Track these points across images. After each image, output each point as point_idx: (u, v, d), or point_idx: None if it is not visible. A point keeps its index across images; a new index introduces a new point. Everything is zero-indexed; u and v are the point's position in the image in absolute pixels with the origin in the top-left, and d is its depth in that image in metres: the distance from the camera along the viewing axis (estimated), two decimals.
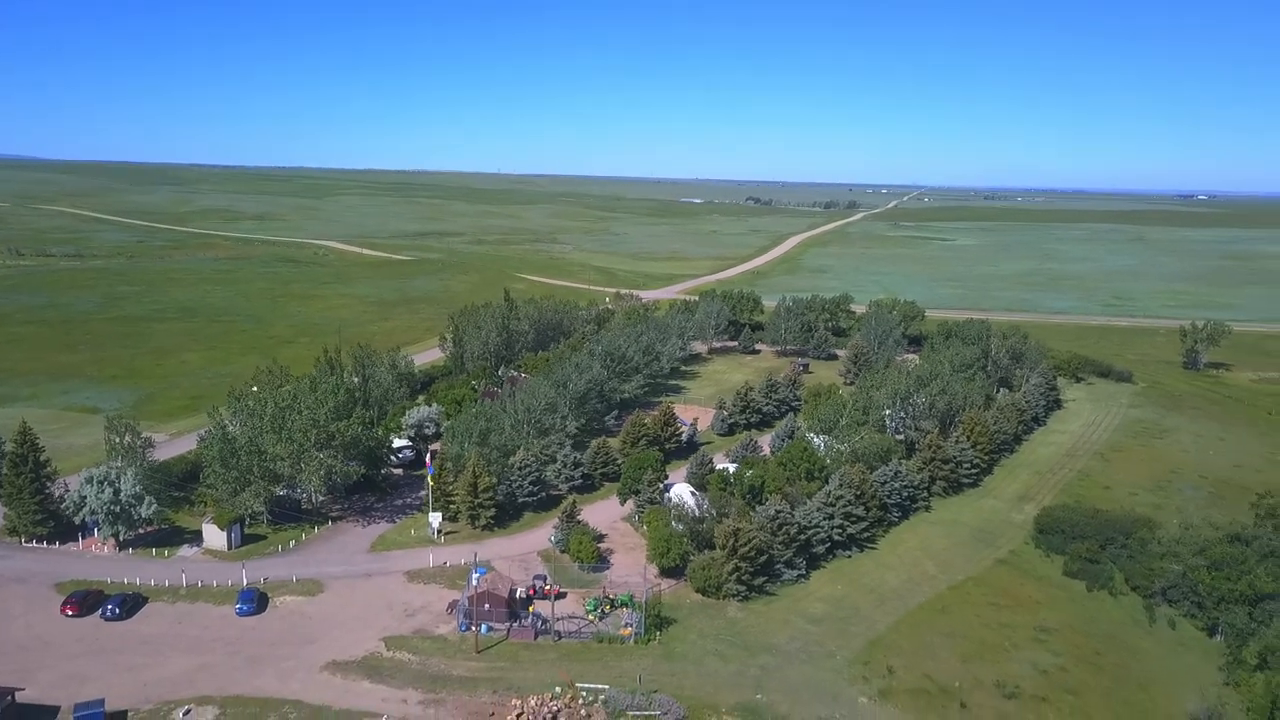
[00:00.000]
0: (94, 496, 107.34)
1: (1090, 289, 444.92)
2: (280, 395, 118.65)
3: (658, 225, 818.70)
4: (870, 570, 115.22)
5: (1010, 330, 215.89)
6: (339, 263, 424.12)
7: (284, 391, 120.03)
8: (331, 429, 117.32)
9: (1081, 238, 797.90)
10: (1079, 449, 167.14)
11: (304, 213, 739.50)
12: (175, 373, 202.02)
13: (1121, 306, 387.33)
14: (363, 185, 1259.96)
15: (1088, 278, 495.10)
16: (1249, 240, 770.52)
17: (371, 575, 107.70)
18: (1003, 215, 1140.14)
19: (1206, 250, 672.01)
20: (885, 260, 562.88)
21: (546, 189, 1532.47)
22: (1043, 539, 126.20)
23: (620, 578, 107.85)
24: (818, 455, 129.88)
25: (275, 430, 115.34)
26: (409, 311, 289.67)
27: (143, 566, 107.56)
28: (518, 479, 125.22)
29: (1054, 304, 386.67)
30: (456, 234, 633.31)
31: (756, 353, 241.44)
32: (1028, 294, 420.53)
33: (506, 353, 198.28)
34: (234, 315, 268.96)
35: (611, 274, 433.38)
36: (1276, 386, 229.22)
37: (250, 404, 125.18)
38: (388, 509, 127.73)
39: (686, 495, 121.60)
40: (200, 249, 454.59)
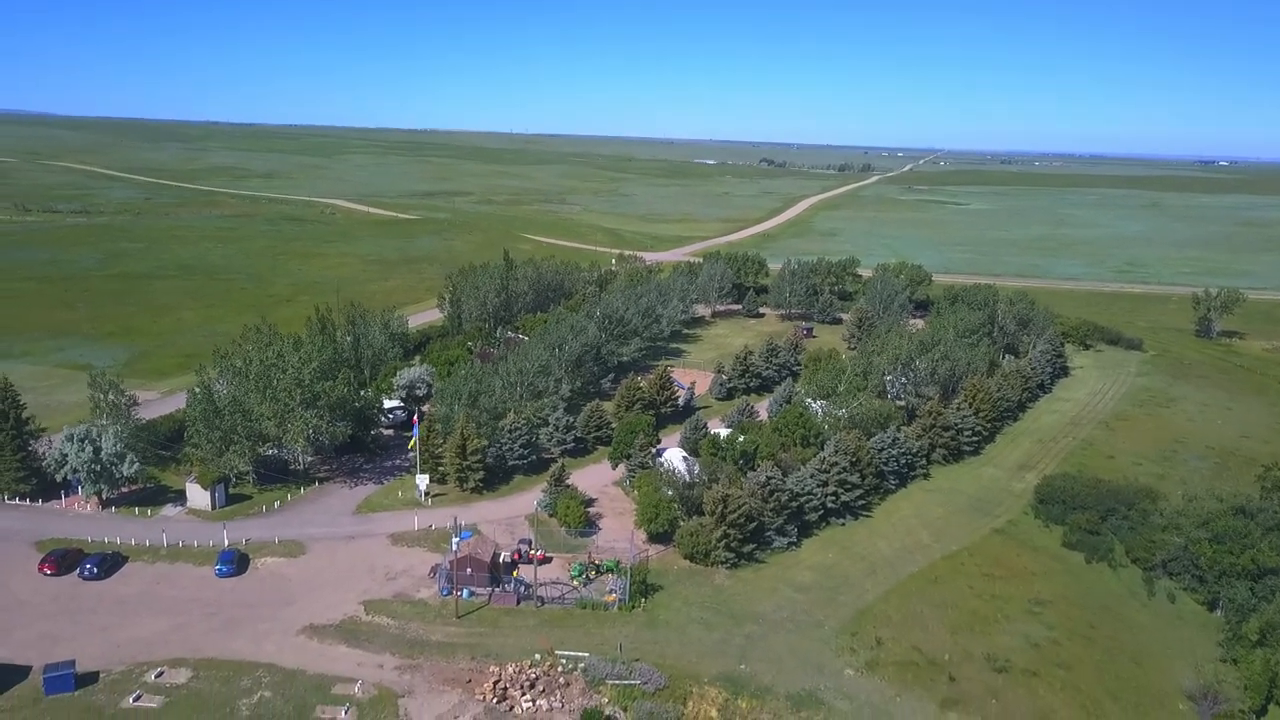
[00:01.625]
0: (75, 455, 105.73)
1: (1102, 255, 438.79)
2: (265, 354, 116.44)
3: (669, 187, 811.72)
4: (863, 539, 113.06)
5: (1018, 296, 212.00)
6: (344, 222, 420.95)
7: (269, 350, 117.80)
8: (317, 389, 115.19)
9: (1095, 203, 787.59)
10: (1084, 417, 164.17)
11: (312, 171, 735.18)
12: (171, 331, 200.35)
13: (1133, 273, 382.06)
14: (372, 144, 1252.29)
15: (1099, 244, 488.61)
16: (1267, 207, 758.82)
17: (355, 538, 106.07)
18: (1017, 180, 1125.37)
19: (1223, 217, 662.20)
20: (896, 224, 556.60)
21: (557, 149, 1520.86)
22: (1042, 509, 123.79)
23: (608, 543, 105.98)
24: (814, 421, 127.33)
25: (260, 389, 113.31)
26: (410, 271, 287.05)
27: (124, 526, 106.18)
28: (508, 442, 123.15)
29: (1065, 270, 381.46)
30: (465, 194, 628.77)
31: (760, 316, 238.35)
32: (1038, 259, 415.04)
33: (505, 314, 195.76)
34: (234, 273, 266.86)
35: (619, 235, 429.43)
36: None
37: (236, 363, 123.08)
38: (376, 470, 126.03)
39: (678, 460, 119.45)
40: (205, 206, 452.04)
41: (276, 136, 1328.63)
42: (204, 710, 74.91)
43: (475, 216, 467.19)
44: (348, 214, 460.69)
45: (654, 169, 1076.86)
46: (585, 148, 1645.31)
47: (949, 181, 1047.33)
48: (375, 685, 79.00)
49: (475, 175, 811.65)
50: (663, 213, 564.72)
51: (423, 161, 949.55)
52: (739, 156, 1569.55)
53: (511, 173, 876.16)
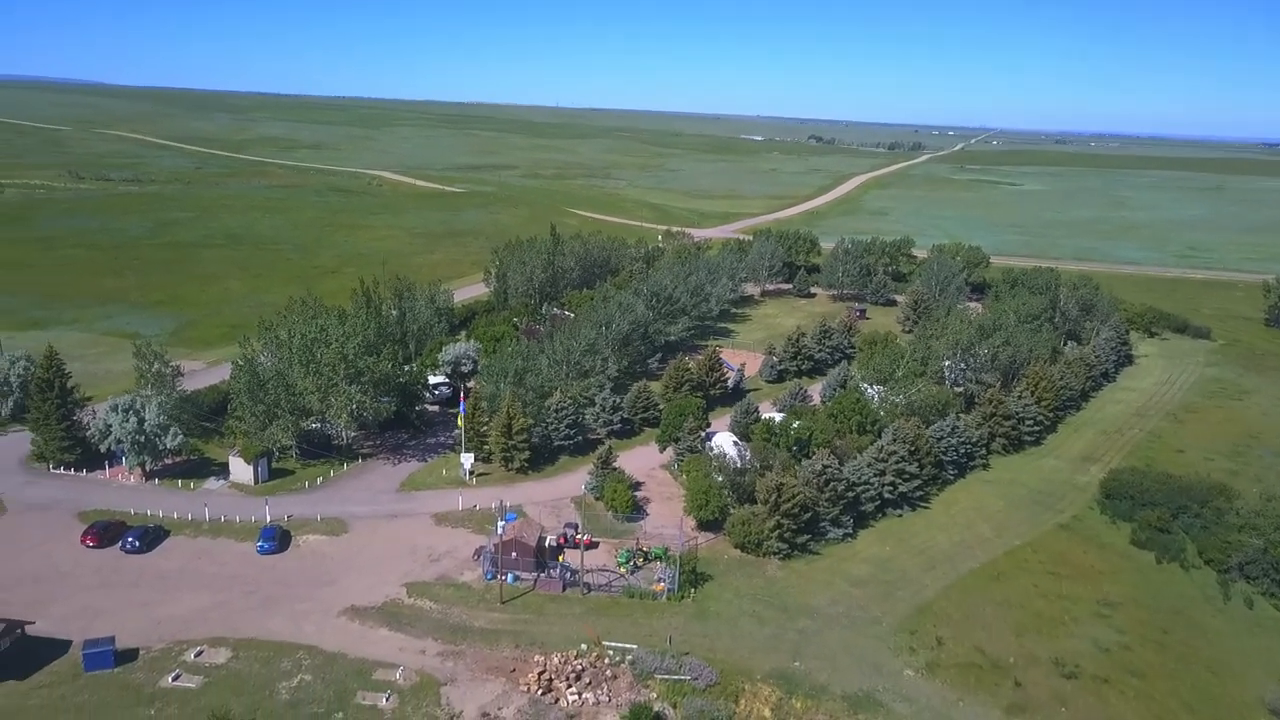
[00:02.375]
0: (119, 425, 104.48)
1: (1162, 239, 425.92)
2: (309, 327, 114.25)
3: (715, 162, 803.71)
4: (921, 531, 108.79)
5: (1081, 280, 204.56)
6: (389, 193, 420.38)
7: (313, 324, 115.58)
8: (361, 365, 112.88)
9: (1153, 185, 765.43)
10: (1150, 408, 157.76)
11: (359, 143, 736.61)
12: (217, 300, 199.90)
13: (1196, 258, 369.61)
14: (418, 116, 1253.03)
15: (1159, 227, 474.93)
16: None
17: (397, 516, 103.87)
18: (1073, 160, 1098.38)
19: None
20: (947, 204, 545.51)
21: (602, 123, 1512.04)
22: (1109, 504, 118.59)
23: (656, 529, 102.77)
24: (870, 407, 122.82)
25: (303, 363, 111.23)
26: (455, 244, 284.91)
27: (167, 498, 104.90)
28: (554, 421, 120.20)
29: (1123, 254, 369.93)
30: (510, 167, 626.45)
31: (811, 296, 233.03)
32: (1096, 242, 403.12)
33: (551, 289, 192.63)
34: (280, 244, 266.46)
35: (665, 211, 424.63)
36: None
37: (280, 335, 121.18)
38: (420, 447, 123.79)
39: (729, 445, 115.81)
40: (254, 176, 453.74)
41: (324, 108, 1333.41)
42: (243, 692, 73.01)
43: (520, 190, 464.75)
44: (394, 186, 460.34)
45: (700, 144, 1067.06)
46: (629, 122, 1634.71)
47: (1002, 161, 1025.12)
48: (417, 672, 76.62)
49: (520, 149, 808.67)
50: (709, 189, 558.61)
51: (468, 135, 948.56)
52: (787, 133, 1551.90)
53: (556, 146, 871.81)
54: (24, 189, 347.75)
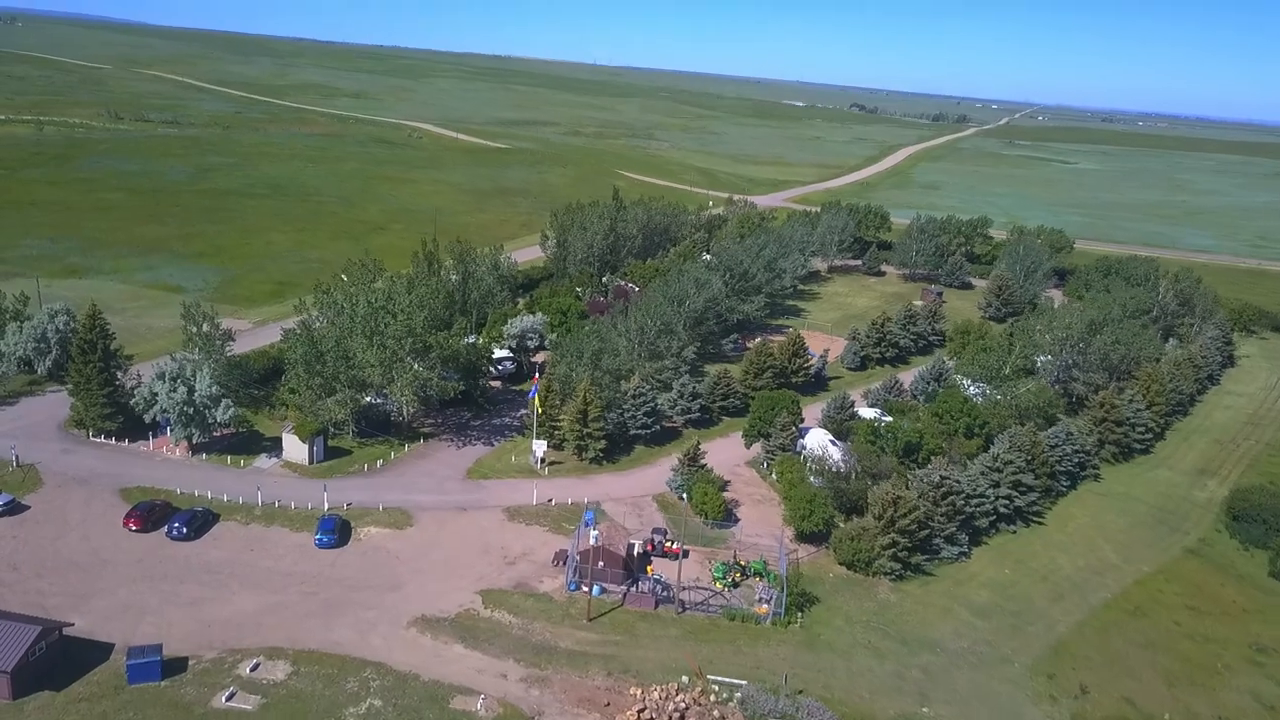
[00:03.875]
0: (165, 395, 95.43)
1: (1231, 226, 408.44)
2: (374, 294, 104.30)
3: (758, 127, 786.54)
4: (1039, 551, 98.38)
5: (1183, 272, 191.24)
6: (432, 146, 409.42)
7: (377, 290, 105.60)
8: (430, 340, 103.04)
9: (1214, 169, 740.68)
10: (1262, 416, 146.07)
11: (399, 93, 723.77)
12: (261, 254, 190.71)
13: (1271, 248, 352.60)
14: (458, 68, 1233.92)
15: (1226, 213, 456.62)
16: None
17: (466, 509, 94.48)
18: (1123, 140, 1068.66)
19: None
20: (1000, 180, 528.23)
21: (641, 82, 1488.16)
22: (1238, 528, 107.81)
23: (749, 537, 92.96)
24: (979, 409, 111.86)
25: (366, 335, 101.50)
26: (504, 204, 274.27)
27: (215, 476, 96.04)
28: (631, 408, 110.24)
29: (1193, 240, 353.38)
30: (551, 124, 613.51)
31: (881, 275, 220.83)
32: (1161, 227, 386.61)
33: (611, 258, 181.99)
34: (324, 195, 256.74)
35: (713, 176, 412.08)
36: None
37: (339, 299, 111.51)
38: (485, 429, 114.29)
39: (828, 445, 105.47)
40: (294, 124, 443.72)
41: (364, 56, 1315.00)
42: (305, 717, 64.10)
43: (565, 149, 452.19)
44: (435, 139, 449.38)
45: (741, 108, 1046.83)
46: (669, 82, 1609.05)
47: (1050, 138, 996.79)
48: (500, 701, 67.44)
49: (560, 105, 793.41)
50: (754, 154, 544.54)
51: (508, 89, 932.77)
52: (828, 100, 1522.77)
53: (596, 104, 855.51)
54: (64, 127, 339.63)
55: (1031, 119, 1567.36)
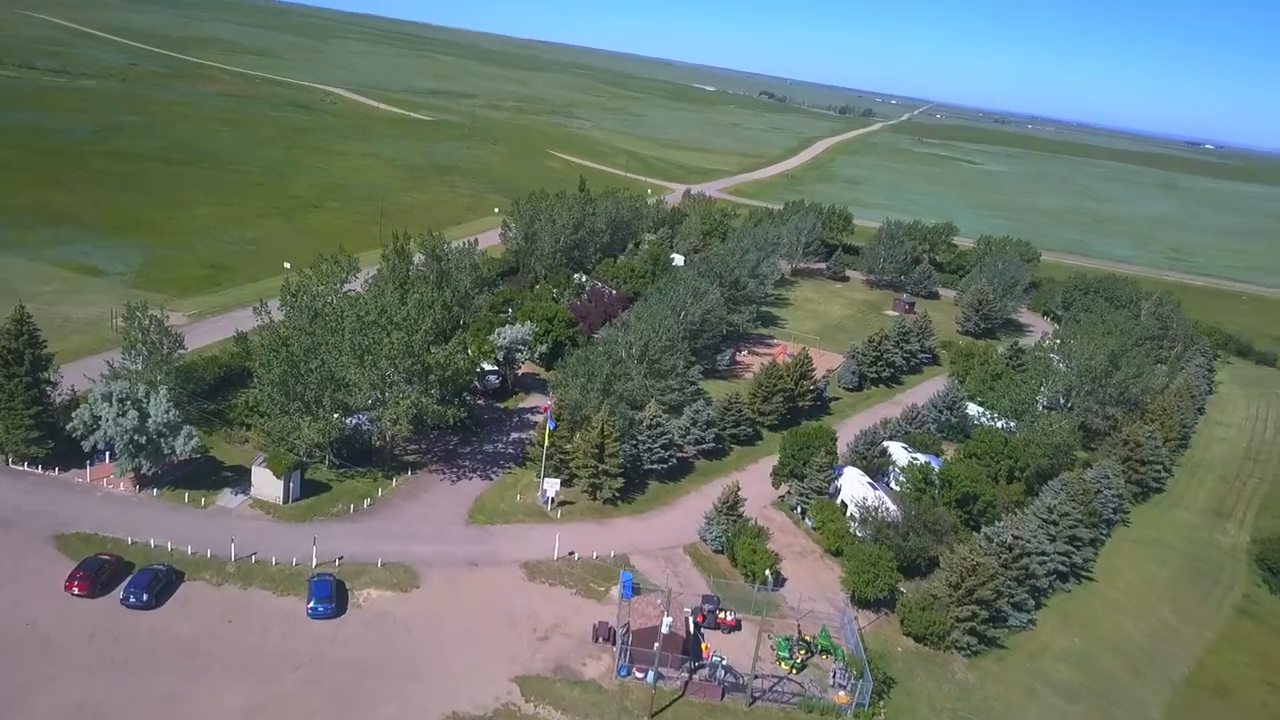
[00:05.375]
0: (112, 421, 78.97)
1: (1141, 236, 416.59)
2: (364, 306, 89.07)
3: (676, 110, 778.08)
4: (1099, 612, 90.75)
5: (1166, 295, 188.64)
6: (351, 114, 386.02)
7: (367, 300, 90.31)
8: (429, 359, 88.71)
9: (1110, 176, 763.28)
10: (1258, 450, 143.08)
11: (305, 53, 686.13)
12: (186, 230, 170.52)
13: (1186, 262, 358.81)
14: (364, 30, 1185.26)
15: (1134, 223, 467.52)
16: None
17: (477, 564, 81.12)
18: (1019, 142, 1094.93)
19: (1245, 205, 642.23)
20: (918, 178, 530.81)
21: (554, 57, 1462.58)
22: (1276, 581, 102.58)
23: (801, 602, 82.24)
24: (1019, 449, 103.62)
25: (356, 353, 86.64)
26: (442, 183, 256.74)
27: (172, 519, 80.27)
28: (647, 440, 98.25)
29: (1112, 250, 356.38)
30: (470, 96, 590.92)
31: (846, 280, 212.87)
32: (1079, 235, 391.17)
33: (579, 254, 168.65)
34: (247, 164, 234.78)
35: (644, 161, 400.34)
36: None
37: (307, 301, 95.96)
38: (478, 457, 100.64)
39: (868, 490, 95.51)
40: (199, 81, 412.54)
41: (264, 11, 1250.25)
42: None
43: (491, 124, 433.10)
44: (352, 106, 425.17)
45: (656, 89, 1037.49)
46: (581, 58, 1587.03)
47: (953, 137, 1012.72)
48: None
49: (477, 77, 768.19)
50: (678, 138, 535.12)
51: (421, 56, 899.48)
52: (737, 86, 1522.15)
53: (512, 77, 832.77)
54: None
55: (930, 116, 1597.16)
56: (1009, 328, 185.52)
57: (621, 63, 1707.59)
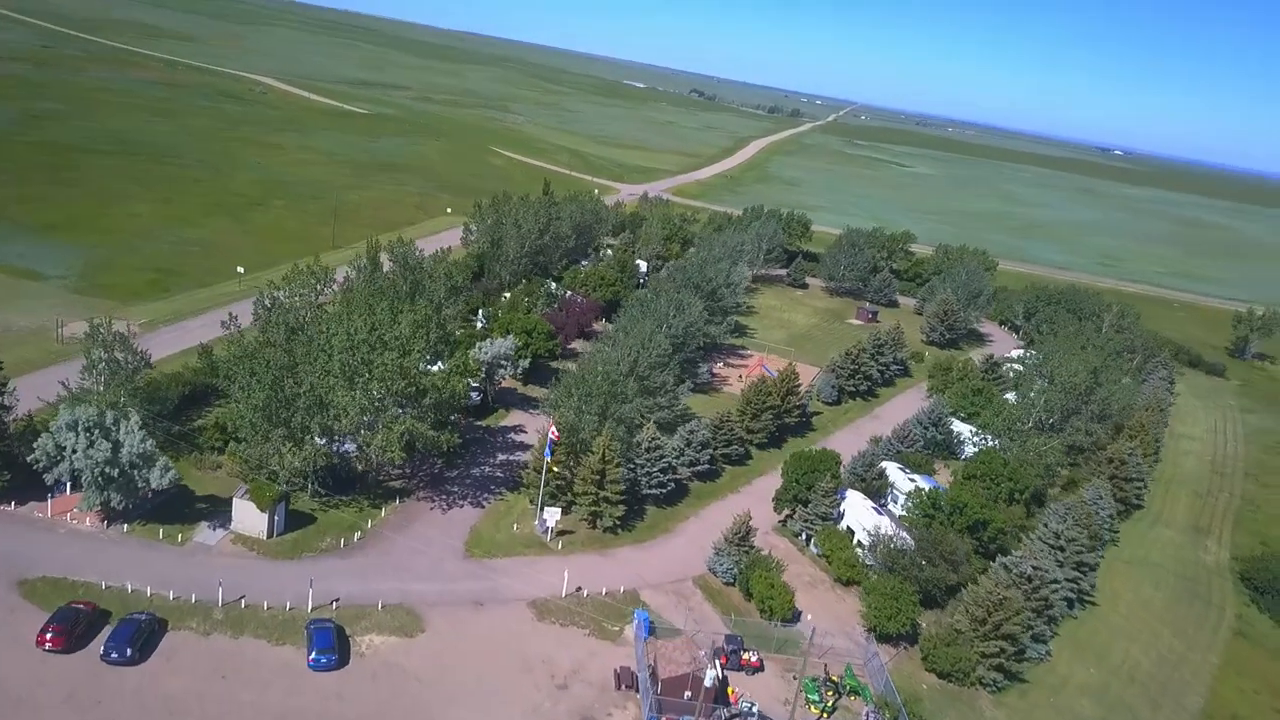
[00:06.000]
0: (81, 453, 72.02)
1: (1071, 242, 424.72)
2: (358, 324, 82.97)
3: (609, 107, 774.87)
4: (1108, 641, 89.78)
5: (1126, 307, 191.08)
6: (285, 105, 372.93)
7: (355, 319, 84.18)
8: (426, 382, 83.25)
9: (1032, 181, 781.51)
10: (1222, 464, 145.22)
11: (231, 41, 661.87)
12: (125, 229, 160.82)
13: (1116, 268, 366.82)
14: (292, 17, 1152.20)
15: (1062, 228, 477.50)
16: (1194, 206, 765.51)
17: (483, 603, 76.14)
18: (943, 145, 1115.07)
19: (1158, 212, 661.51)
20: (854, 180, 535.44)
21: (484, 50, 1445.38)
22: (1265, 602, 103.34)
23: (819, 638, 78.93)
24: (1019, 470, 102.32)
25: (346, 376, 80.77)
26: (389, 180, 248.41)
27: (148, 559, 73.65)
28: (646, 464, 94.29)
29: (1047, 256, 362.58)
30: (402, 88, 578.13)
31: (805, 287, 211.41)
32: (1013, 239, 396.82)
33: (544, 259, 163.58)
34: (182, 158, 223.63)
35: (585, 159, 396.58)
36: None
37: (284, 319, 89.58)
38: (465, 481, 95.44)
39: (874, 515, 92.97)
40: (121, 66, 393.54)
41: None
42: None
43: (431, 119, 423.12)
44: (284, 96, 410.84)
45: (588, 84, 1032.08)
46: (511, 51, 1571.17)
47: (881, 139, 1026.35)
48: None
49: (407, 68, 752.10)
50: (614, 135, 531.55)
51: (351, 46, 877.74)
52: (666, 83, 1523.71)
53: (443, 70, 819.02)
54: None
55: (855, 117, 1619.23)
56: (971, 337, 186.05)
57: (551, 57, 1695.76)
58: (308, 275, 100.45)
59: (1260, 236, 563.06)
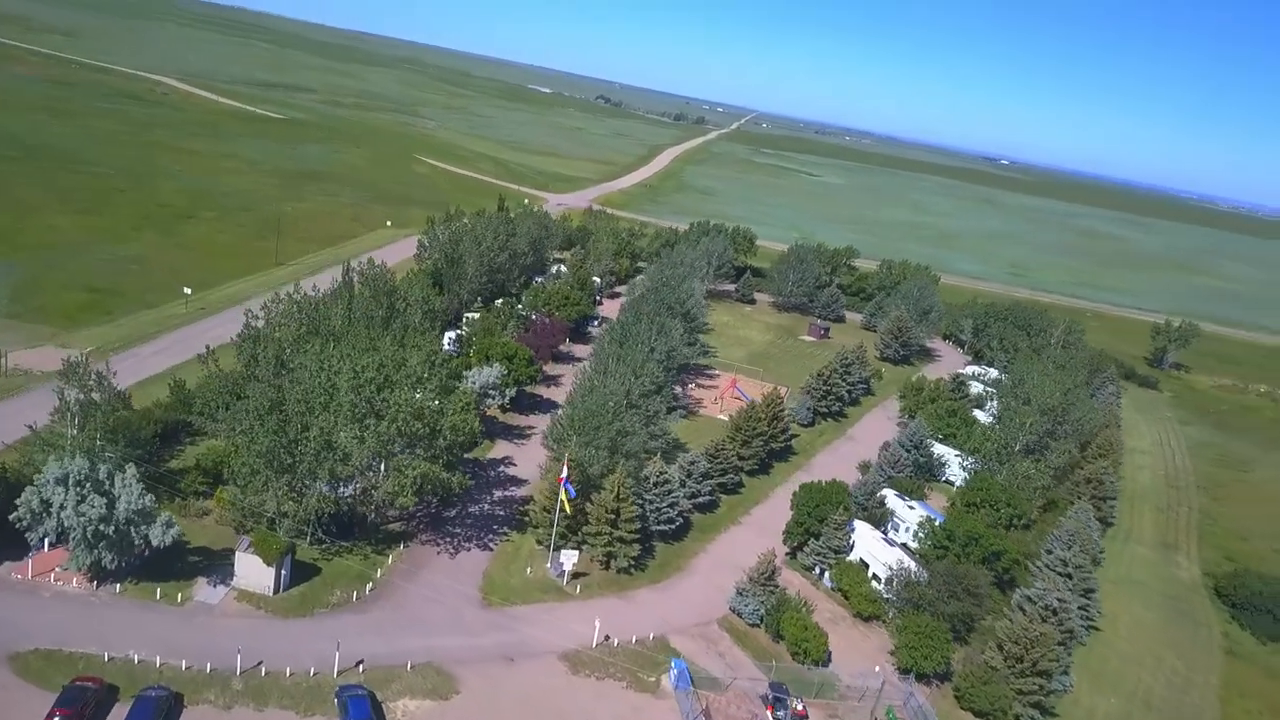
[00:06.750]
0: (72, 510, 65.31)
1: (982, 252, 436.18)
2: (364, 361, 77.54)
3: (517, 112, 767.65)
4: (1117, 666, 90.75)
5: (1074, 322, 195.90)
6: (192, 108, 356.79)
7: (369, 359, 78.71)
8: (443, 422, 78.54)
9: (936, 190, 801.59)
10: (1175, 478, 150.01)
11: (118, 37, 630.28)
12: (48, 244, 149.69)
13: (1026, 278, 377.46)
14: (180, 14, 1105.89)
15: (971, 238, 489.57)
16: (1088, 216, 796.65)
17: (513, 658, 72.04)
18: (845, 154, 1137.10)
19: (1056, 222, 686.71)
20: (768, 190, 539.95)
21: (383, 50, 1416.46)
22: (1245, 617, 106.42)
23: (851, 678, 77.50)
24: (1016, 496, 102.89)
25: (356, 419, 75.56)
26: (319, 190, 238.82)
27: (148, 623, 67.24)
28: (655, 499, 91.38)
29: (962, 266, 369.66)
30: (307, 90, 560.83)
31: (753, 302, 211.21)
32: (930, 250, 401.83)
33: (502, 277, 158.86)
34: (97, 165, 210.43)
35: (506, 167, 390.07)
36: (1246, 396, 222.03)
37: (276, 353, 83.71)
38: (463, 521, 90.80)
39: (885, 547, 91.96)
40: (5, 62, 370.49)
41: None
42: None
43: (346, 124, 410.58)
44: (185, 98, 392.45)
45: (492, 89, 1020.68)
46: (412, 53, 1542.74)
47: (784, 147, 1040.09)
48: None
49: (310, 70, 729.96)
50: (527, 142, 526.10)
51: (246, 44, 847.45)
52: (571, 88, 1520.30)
53: (345, 71, 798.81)
54: None
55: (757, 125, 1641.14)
56: (920, 354, 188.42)
57: (452, 59, 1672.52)
58: (290, 304, 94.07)
59: (1151, 247, 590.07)
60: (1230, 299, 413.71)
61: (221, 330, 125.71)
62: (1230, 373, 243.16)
